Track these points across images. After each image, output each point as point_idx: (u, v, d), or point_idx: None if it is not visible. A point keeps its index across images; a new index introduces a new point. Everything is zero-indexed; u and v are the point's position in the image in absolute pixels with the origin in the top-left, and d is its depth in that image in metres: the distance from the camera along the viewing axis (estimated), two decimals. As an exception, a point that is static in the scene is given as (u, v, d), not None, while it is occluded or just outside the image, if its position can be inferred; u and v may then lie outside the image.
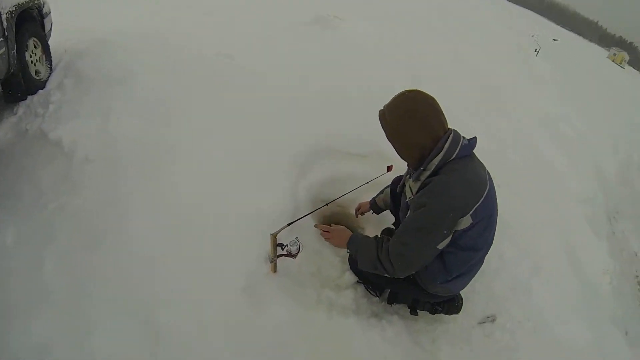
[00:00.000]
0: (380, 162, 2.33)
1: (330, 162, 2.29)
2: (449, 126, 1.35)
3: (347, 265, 1.81)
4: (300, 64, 3.07)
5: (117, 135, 2.07)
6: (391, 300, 1.78)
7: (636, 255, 3.61)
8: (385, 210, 1.95)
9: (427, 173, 1.32)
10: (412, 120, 1.29)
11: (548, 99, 5.69)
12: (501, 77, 5.62)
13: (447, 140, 1.28)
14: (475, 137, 1.39)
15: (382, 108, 1.37)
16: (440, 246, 1.29)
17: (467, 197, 1.26)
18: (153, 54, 2.75)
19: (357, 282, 1.78)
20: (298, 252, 1.49)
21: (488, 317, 1.90)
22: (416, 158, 1.34)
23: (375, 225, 2.14)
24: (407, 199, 1.45)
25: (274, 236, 1.40)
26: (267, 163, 2.03)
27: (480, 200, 1.27)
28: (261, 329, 1.39)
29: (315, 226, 1.62)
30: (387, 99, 1.35)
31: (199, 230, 1.63)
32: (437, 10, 8.68)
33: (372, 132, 2.26)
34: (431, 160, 1.29)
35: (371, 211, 1.99)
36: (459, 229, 1.28)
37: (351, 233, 1.49)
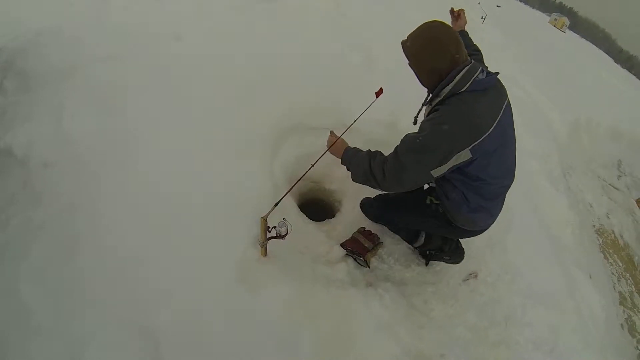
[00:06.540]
0: (346, 134, 2.34)
1: (298, 138, 2.27)
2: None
3: (334, 241, 1.83)
4: (250, 40, 2.92)
5: (74, 134, 1.88)
6: (426, 244, 1.85)
7: (591, 206, 3.93)
8: None
9: (438, 99, 1.38)
10: (431, 47, 1.34)
11: (499, 63, 5.89)
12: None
13: (461, 70, 1.32)
14: (496, 73, 1.43)
15: (404, 39, 1.42)
16: (435, 173, 1.34)
17: (462, 135, 1.30)
18: (98, 42, 2.53)
19: (346, 255, 1.81)
20: (287, 233, 1.47)
21: (471, 274, 2.01)
22: (434, 83, 1.39)
23: (352, 197, 2.17)
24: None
25: (264, 219, 1.37)
26: (235, 146, 1.94)
27: (481, 139, 1.31)
28: (264, 314, 1.37)
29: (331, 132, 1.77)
30: (337, 66, 1.34)
31: (180, 223, 1.55)
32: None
33: (332, 102, 2.30)
34: (442, 88, 1.35)
35: None
36: (457, 162, 1.33)
37: (347, 146, 1.62)
